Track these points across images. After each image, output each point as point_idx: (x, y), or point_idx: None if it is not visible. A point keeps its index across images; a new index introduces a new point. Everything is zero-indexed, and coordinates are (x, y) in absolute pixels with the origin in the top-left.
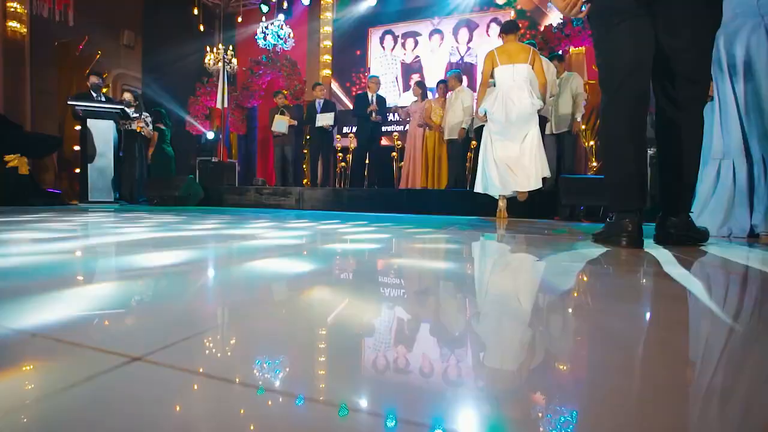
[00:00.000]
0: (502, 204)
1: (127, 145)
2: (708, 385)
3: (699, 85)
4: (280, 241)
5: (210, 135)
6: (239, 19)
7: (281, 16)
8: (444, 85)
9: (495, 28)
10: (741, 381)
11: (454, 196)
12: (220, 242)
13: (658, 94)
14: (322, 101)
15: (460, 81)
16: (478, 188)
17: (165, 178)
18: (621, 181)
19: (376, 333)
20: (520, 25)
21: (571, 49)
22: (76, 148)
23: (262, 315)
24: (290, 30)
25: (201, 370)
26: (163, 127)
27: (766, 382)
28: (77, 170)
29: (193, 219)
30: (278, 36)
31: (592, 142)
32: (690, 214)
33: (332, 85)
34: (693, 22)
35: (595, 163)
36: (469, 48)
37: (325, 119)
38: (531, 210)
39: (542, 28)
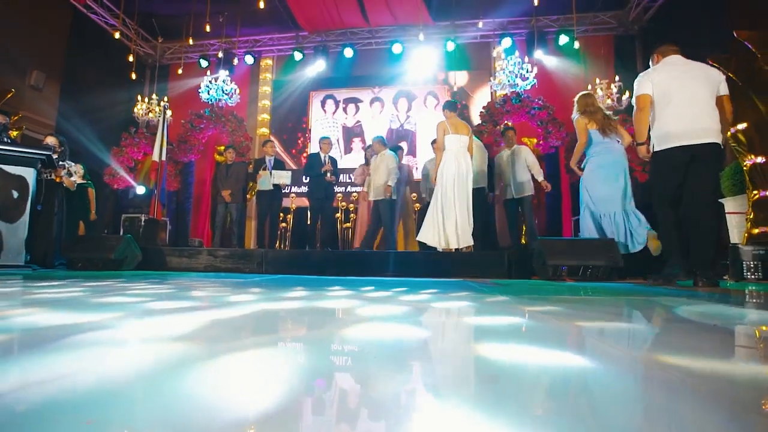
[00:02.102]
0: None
1: (47, 197)
2: None
3: (704, 198)
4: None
5: (140, 190)
6: (179, 71)
7: (223, 72)
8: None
9: (431, 101)
10: None
11: (431, 258)
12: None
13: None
14: (272, 159)
15: (385, 145)
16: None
17: (93, 237)
18: (672, 248)
19: None
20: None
21: (510, 122)
22: None
23: None
24: (236, 86)
25: None
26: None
27: None
28: None
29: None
30: (223, 91)
31: None
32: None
33: None
34: (704, 169)
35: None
36: (408, 116)
37: (281, 177)
38: (508, 271)
39: (486, 103)
